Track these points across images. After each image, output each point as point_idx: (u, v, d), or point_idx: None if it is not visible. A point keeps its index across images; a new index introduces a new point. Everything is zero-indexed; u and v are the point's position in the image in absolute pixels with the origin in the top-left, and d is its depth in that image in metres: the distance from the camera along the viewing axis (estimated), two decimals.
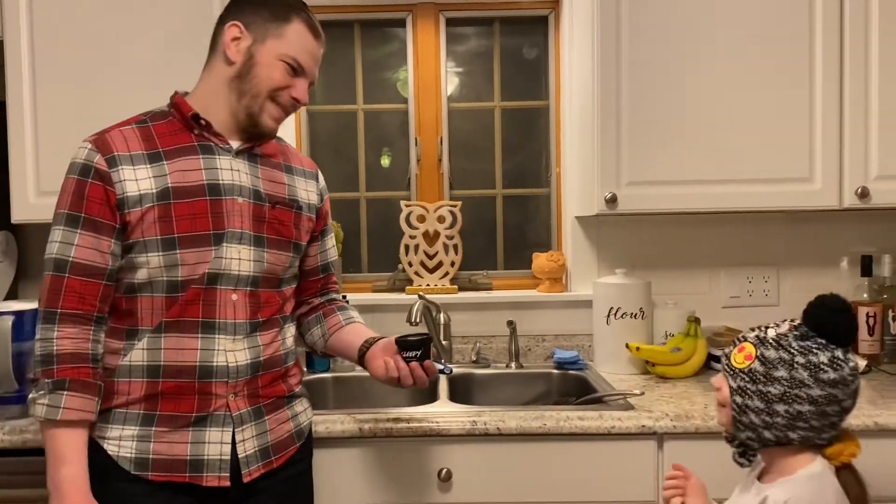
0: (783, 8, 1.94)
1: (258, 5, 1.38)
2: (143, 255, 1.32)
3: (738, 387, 1.21)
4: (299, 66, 1.39)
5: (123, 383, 1.33)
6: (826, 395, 1.16)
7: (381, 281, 2.44)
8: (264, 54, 1.36)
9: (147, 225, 1.31)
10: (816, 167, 1.96)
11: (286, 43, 1.37)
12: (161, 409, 1.33)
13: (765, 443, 1.21)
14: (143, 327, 1.33)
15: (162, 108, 1.42)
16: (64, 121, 1.93)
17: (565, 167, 2.38)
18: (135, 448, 1.32)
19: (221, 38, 1.38)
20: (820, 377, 1.16)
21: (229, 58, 1.36)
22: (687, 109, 1.95)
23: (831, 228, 2.30)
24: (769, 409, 1.18)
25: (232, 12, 1.39)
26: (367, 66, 2.47)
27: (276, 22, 1.37)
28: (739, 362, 1.22)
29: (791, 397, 1.17)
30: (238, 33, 1.36)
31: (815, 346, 1.18)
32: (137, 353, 1.33)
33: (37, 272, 2.24)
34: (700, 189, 1.96)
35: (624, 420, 1.66)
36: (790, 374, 1.17)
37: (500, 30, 2.47)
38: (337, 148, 2.50)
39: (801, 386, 1.16)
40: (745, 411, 1.20)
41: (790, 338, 1.20)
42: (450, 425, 1.66)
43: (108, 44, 1.92)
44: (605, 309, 2.11)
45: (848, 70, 1.94)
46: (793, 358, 1.18)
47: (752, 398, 1.19)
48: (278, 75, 1.37)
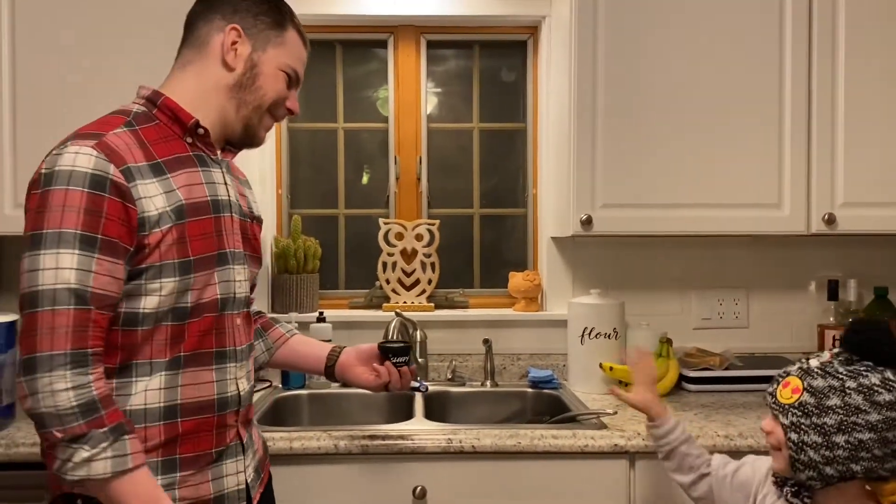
0: (754, 38, 2.00)
1: (256, 10, 1.29)
2: (156, 282, 1.16)
3: (791, 423, 1.14)
4: (296, 77, 1.35)
5: (138, 430, 1.14)
6: (885, 420, 1.10)
7: (358, 297, 2.45)
8: (267, 63, 1.29)
9: (166, 248, 1.16)
10: (785, 194, 2.02)
11: (286, 52, 1.31)
12: (181, 451, 1.19)
13: (828, 481, 1.13)
14: (145, 361, 1.17)
15: (138, 109, 1.24)
16: (44, 133, 1.91)
17: (542, 188, 2.42)
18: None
19: (216, 38, 1.27)
20: (875, 400, 1.10)
21: (228, 63, 1.26)
22: (661, 135, 2.00)
23: (799, 253, 2.36)
24: (828, 443, 1.11)
25: (223, 13, 1.28)
26: (347, 85, 2.50)
27: (277, 30, 1.30)
28: (787, 398, 1.15)
29: (849, 426, 1.10)
30: (237, 37, 1.27)
31: (864, 369, 1.13)
32: (152, 395, 1.16)
33: (13, 284, 2.23)
34: (673, 212, 2.00)
35: (597, 439, 1.68)
36: (843, 400, 1.11)
37: (479, 53, 2.51)
38: (316, 165, 2.51)
39: (858, 412, 1.10)
40: (802, 448, 1.13)
41: (835, 364, 1.15)
42: (425, 443, 1.67)
43: (92, 56, 1.91)
44: (579, 329, 2.14)
45: (815, 100, 2.00)
46: (843, 384, 1.12)
47: (809, 433, 1.12)
48: (279, 86, 1.31)
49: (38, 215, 1.10)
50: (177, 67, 1.30)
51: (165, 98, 1.25)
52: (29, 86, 1.91)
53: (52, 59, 1.91)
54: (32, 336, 1.07)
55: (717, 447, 1.67)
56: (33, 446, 1.63)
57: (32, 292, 1.08)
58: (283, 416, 2.08)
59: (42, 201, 1.10)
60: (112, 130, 1.18)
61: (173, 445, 1.19)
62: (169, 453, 1.19)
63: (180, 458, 1.20)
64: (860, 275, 2.28)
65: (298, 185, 2.51)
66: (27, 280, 1.08)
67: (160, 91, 1.26)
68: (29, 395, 1.06)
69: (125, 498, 1.09)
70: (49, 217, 1.09)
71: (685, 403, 2.00)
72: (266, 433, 1.67)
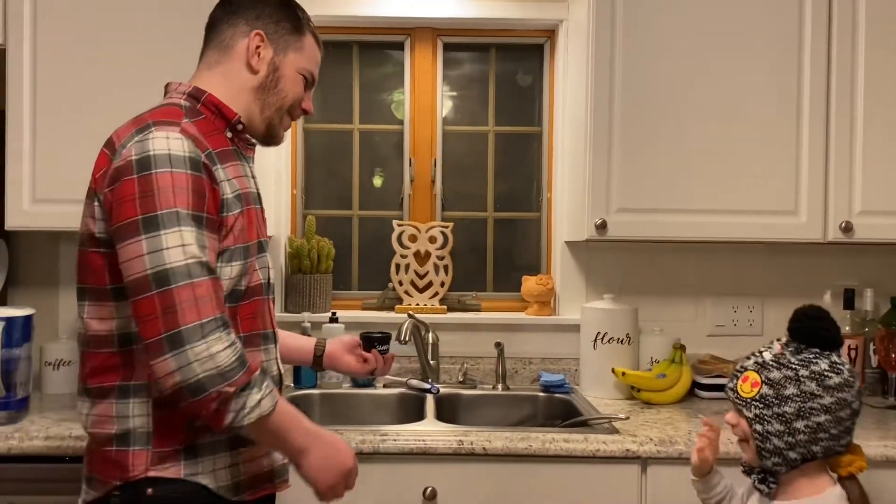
0: (773, 45, 1.99)
1: (277, 16, 1.35)
2: (228, 265, 1.22)
3: (754, 416, 1.24)
4: (312, 79, 1.41)
5: None
6: (837, 401, 1.21)
7: (371, 299, 2.45)
8: (288, 67, 1.35)
9: (237, 231, 1.23)
10: (802, 201, 2.00)
11: (304, 56, 1.37)
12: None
13: (792, 464, 1.24)
14: None
15: (184, 103, 1.28)
16: (62, 130, 1.94)
17: (556, 192, 2.42)
18: (230, 475, 1.23)
19: (241, 42, 1.32)
20: (826, 384, 1.21)
21: (252, 66, 1.32)
22: (678, 140, 1.99)
23: (815, 261, 2.34)
24: (790, 429, 1.22)
25: (247, 18, 1.33)
26: (363, 87, 2.51)
27: (296, 35, 1.36)
28: (748, 392, 1.26)
29: (807, 411, 1.21)
30: (260, 42, 1.32)
31: (812, 356, 1.24)
32: None
33: (28, 278, 2.25)
34: (689, 218, 1.99)
35: (609, 444, 1.67)
36: (799, 388, 1.22)
37: (496, 56, 2.51)
38: (331, 166, 2.52)
39: (813, 397, 1.21)
40: (767, 437, 1.24)
41: (787, 355, 1.25)
42: (436, 444, 1.67)
43: (110, 53, 1.93)
44: (592, 333, 2.14)
45: (834, 107, 1.99)
46: (797, 373, 1.23)
47: (771, 422, 1.23)
48: (299, 88, 1.38)
49: (146, 199, 1.12)
50: (203, 67, 1.35)
51: (209, 94, 1.30)
52: (49, 84, 1.93)
53: (71, 55, 1.93)
54: (173, 312, 1.09)
55: (729, 454, 1.65)
56: (47, 439, 1.65)
57: (163, 271, 1.10)
58: None
59: (146, 185, 1.13)
60: (181, 120, 1.22)
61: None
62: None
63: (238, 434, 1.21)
64: (876, 284, 2.26)
65: (313, 185, 2.52)
66: (151, 261, 1.10)
67: (201, 88, 1.31)
68: (179, 369, 1.08)
69: (284, 424, 1.18)
70: (161, 199, 1.12)
71: (697, 410, 1.98)
72: None
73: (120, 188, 1.14)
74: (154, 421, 1.19)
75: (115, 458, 1.19)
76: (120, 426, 1.20)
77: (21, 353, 1.74)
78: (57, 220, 1.92)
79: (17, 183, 1.93)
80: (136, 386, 1.20)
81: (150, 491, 1.18)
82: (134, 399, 1.20)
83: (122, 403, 1.20)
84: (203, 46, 1.37)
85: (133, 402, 1.20)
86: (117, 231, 1.14)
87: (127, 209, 1.13)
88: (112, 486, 1.20)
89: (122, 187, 1.14)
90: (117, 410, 1.20)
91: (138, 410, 1.19)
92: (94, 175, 1.23)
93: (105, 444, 1.21)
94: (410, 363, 2.30)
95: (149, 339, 1.10)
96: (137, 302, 1.11)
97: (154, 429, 1.19)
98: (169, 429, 1.19)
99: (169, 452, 1.19)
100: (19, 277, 2.26)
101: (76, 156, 1.94)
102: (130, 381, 1.20)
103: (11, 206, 1.94)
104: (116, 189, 1.15)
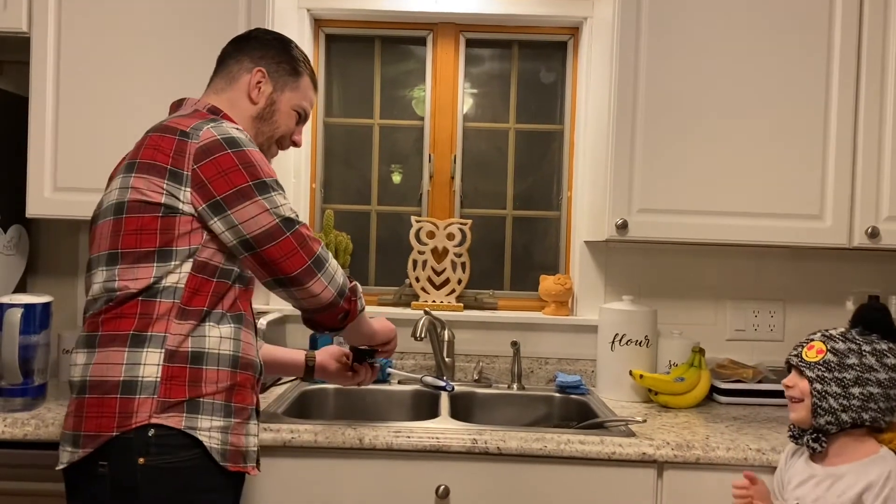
0: (801, 45, 1.95)
1: (278, 59, 1.54)
2: None
3: (816, 376, 1.41)
4: (304, 115, 1.59)
5: (212, 371, 1.31)
6: (890, 379, 1.40)
7: (387, 295, 2.44)
8: (284, 103, 1.54)
9: None
10: (827, 205, 1.97)
11: (299, 95, 1.56)
12: (235, 400, 1.34)
13: (842, 426, 1.40)
14: (223, 312, 1.34)
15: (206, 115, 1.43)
16: (85, 119, 1.95)
17: (576, 191, 2.40)
18: (219, 439, 1.30)
19: (244, 77, 1.51)
20: (885, 362, 1.40)
21: (252, 98, 1.50)
22: (702, 140, 1.96)
23: (838, 266, 2.30)
24: (846, 393, 1.39)
25: (252, 56, 1.52)
26: (384, 83, 2.50)
27: (293, 76, 1.55)
28: (812, 357, 1.43)
29: (864, 380, 1.39)
30: (261, 78, 1.51)
31: (875, 339, 1.43)
32: (225, 343, 1.33)
33: (47, 266, 2.27)
34: (711, 220, 1.96)
35: (625, 447, 1.65)
36: (860, 360, 1.40)
37: (518, 53, 2.49)
38: (350, 161, 2.52)
39: (871, 370, 1.39)
40: (825, 397, 1.40)
41: (853, 333, 1.44)
42: (450, 442, 1.65)
43: (134, 41, 1.94)
44: (610, 335, 2.11)
45: (863, 109, 1.95)
46: (860, 347, 1.41)
47: (830, 384, 1.40)
48: (292, 123, 1.57)
49: (249, 168, 1.33)
50: (211, 91, 1.53)
51: (224, 113, 1.48)
52: (72, 72, 1.94)
53: (95, 44, 1.94)
54: (305, 245, 1.35)
55: (748, 461, 1.63)
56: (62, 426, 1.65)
57: (286, 219, 1.34)
58: (309, 410, 2.08)
59: (243, 158, 1.33)
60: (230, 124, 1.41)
61: (231, 392, 1.33)
62: (228, 399, 1.33)
63: (234, 406, 1.34)
64: None
65: (332, 180, 2.52)
66: (275, 214, 1.33)
67: (216, 106, 1.48)
68: (329, 282, 1.37)
69: (361, 320, 1.52)
70: (260, 168, 1.34)
71: (716, 415, 1.96)
72: (292, 425, 1.68)
73: (217, 161, 1.31)
74: (163, 372, 1.27)
75: (118, 407, 1.25)
76: (128, 373, 1.27)
77: (39, 339, 1.75)
78: (77, 208, 1.93)
79: (38, 171, 1.95)
80: (152, 336, 1.28)
81: (152, 432, 1.25)
82: (148, 348, 1.28)
83: (134, 351, 1.27)
84: (213, 74, 1.55)
85: (147, 352, 1.27)
86: (228, 197, 1.31)
87: (235, 178, 1.31)
88: (106, 439, 1.25)
89: (221, 160, 1.32)
90: (128, 358, 1.27)
91: (151, 360, 1.27)
92: (156, 155, 1.34)
93: (108, 391, 1.26)
94: (426, 360, 2.29)
95: (296, 270, 1.33)
96: (273, 247, 1.32)
97: (162, 379, 1.27)
98: (175, 381, 1.28)
99: (173, 403, 1.27)
100: (39, 265, 2.28)
101: (98, 145, 1.95)
102: (146, 331, 1.28)
103: (33, 194, 1.95)
104: (213, 162, 1.31)
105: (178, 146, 1.33)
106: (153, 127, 1.41)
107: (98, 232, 1.38)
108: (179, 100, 1.51)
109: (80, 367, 1.31)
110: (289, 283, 1.34)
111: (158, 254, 1.30)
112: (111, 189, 1.38)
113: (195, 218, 1.32)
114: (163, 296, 1.29)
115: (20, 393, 1.73)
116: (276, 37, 1.58)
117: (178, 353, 1.28)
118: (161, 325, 1.29)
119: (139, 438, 1.25)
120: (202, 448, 1.28)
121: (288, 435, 1.65)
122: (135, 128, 1.94)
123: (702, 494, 1.65)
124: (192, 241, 1.31)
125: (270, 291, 1.39)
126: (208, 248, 1.33)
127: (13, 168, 1.99)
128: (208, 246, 1.33)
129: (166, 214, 1.31)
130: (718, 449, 1.65)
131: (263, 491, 1.66)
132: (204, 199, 1.31)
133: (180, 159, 1.32)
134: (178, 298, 1.30)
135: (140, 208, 1.32)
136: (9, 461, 1.66)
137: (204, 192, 1.31)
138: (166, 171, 1.32)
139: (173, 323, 1.29)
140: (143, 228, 1.31)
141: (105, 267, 1.33)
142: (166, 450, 1.26)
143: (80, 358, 1.32)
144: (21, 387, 1.73)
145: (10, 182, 2.00)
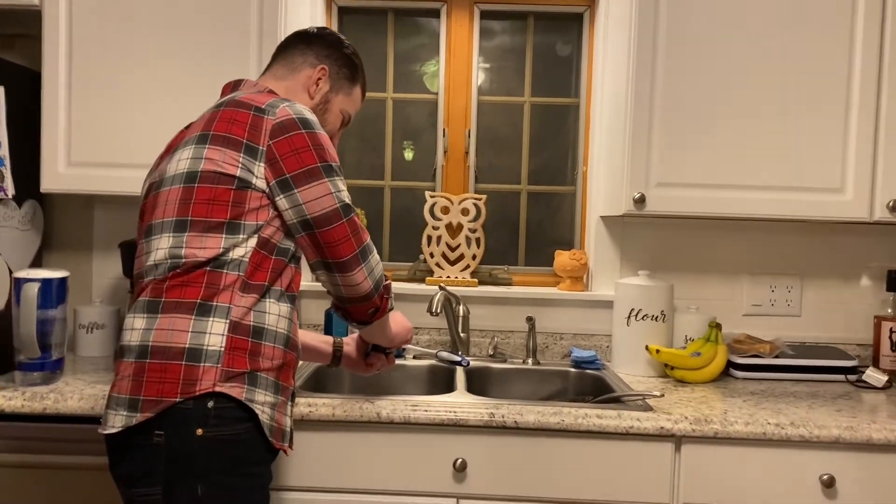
0: (826, 14, 1.92)
1: (342, 62, 1.59)
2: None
3: None
4: (348, 120, 1.64)
5: (269, 347, 1.33)
6: None
7: (402, 270, 2.44)
8: (335, 104, 1.59)
9: None
10: (848, 178, 1.94)
11: (350, 101, 1.63)
12: (282, 379, 1.36)
13: None
14: (281, 290, 1.37)
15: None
16: (98, 93, 1.94)
17: (592, 166, 2.37)
18: (269, 416, 1.32)
19: (307, 70, 1.56)
20: None
21: (310, 92, 1.56)
22: (721, 113, 1.93)
23: (857, 241, 2.28)
24: None
25: (318, 54, 1.57)
26: (397, 58, 2.47)
27: (350, 82, 1.61)
28: None
29: None
30: (323, 76, 1.56)
31: None
32: (283, 321, 1.37)
33: (62, 242, 2.27)
34: (730, 194, 1.94)
35: (643, 421, 1.65)
36: None
37: (534, 25, 2.46)
38: (364, 136, 2.50)
39: None
40: None
41: None
42: (468, 416, 1.65)
43: (147, 14, 1.92)
44: (625, 310, 2.10)
45: (886, 80, 1.92)
46: None
47: None
48: (337, 124, 1.62)
49: (319, 150, 1.37)
50: (269, 76, 1.57)
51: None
52: (85, 45, 1.93)
53: (108, 16, 1.92)
54: (357, 234, 1.38)
55: (766, 435, 1.63)
56: (81, 400, 1.67)
57: (344, 205, 1.37)
58: (325, 384, 2.09)
59: (315, 139, 1.37)
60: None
61: (280, 371, 1.36)
62: (277, 377, 1.35)
63: (282, 384, 1.36)
64: None
65: (346, 154, 2.50)
66: (337, 198, 1.37)
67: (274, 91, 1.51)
68: (370, 273, 1.40)
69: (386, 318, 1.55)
70: (328, 152, 1.38)
71: (732, 390, 1.95)
72: (310, 399, 1.68)
73: (292, 139, 1.35)
74: (227, 342, 1.29)
75: (182, 373, 1.26)
76: (194, 341, 1.27)
77: (56, 314, 1.75)
78: (92, 183, 1.92)
79: (52, 146, 1.94)
80: (217, 306, 1.30)
81: (211, 404, 1.26)
82: (214, 318, 1.29)
83: (200, 320, 1.28)
84: (271, 60, 1.59)
85: (213, 321, 1.29)
86: (297, 176, 1.34)
87: (306, 157, 1.35)
88: (167, 405, 1.25)
89: (295, 139, 1.35)
90: (194, 326, 1.28)
91: (216, 329, 1.28)
92: (231, 128, 1.35)
93: (173, 357, 1.27)
94: (441, 335, 2.29)
95: (346, 256, 1.36)
96: (330, 230, 1.35)
97: (226, 349, 1.28)
98: (238, 353, 1.29)
99: (235, 374, 1.28)
100: (54, 241, 2.28)
101: (112, 120, 1.94)
102: (212, 300, 1.29)
103: (47, 169, 1.94)
104: (288, 140, 1.34)
105: (254, 121, 1.35)
106: (223, 101, 1.42)
107: (162, 198, 1.37)
108: (237, 80, 1.53)
109: (140, 332, 1.30)
110: (335, 267, 1.36)
111: (228, 226, 1.32)
112: (177, 158, 1.38)
113: (265, 194, 1.34)
114: (229, 268, 1.31)
115: (38, 367, 1.74)
116: (342, 41, 1.62)
117: (242, 325, 1.30)
118: (226, 297, 1.30)
119: (198, 409, 1.25)
120: (254, 422, 1.30)
121: (306, 409, 1.66)
122: (147, 102, 1.93)
123: (720, 469, 1.65)
124: (260, 216, 1.33)
125: (312, 273, 1.42)
126: (271, 226, 1.35)
127: (27, 143, 1.98)
128: (272, 224, 1.35)
129: (239, 188, 1.32)
130: (737, 423, 1.64)
131: (281, 463, 1.67)
132: (274, 174, 1.34)
133: (256, 134, 1.34)
134: (242, 272, 1.31)
135: (214, 179, 1.32)
136: (29, 434, 1.68)
137: (275, 168, 1.34)
138: (242, 144, 1.34)
139: (237, 295, 1.31)
140: (215, 199, 1.32)
141: (172, 233, 1.33)
142: (224, 422, 1.27)
143: (138, 322, 1.31)
144: (39, 361, 1.73)
145: (25, 157, 1.99)
